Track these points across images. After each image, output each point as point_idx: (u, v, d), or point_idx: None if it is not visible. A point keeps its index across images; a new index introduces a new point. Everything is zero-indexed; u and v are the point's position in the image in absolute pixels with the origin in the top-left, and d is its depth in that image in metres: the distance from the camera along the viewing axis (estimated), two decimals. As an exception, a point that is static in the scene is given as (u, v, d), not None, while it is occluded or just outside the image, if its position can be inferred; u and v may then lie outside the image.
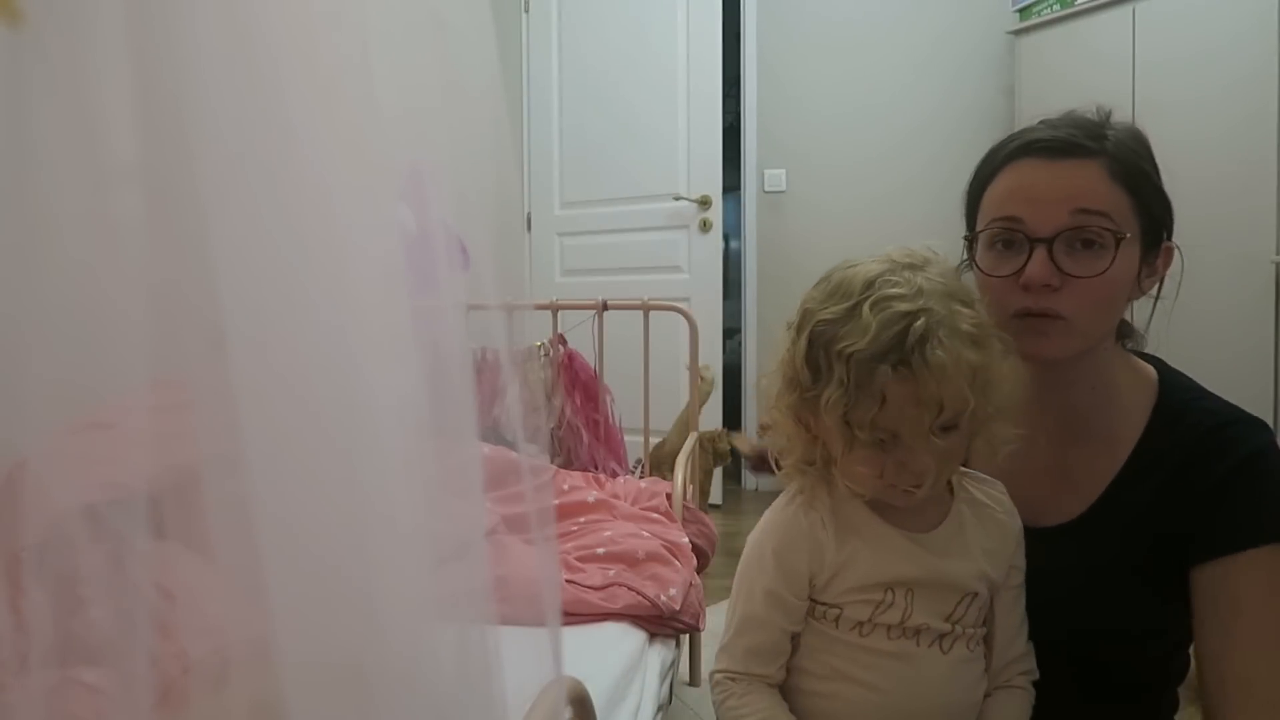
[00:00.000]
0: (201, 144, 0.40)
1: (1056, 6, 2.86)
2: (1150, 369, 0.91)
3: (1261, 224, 2.33)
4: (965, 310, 0.75)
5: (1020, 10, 3.01)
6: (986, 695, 0.85)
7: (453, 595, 0.50)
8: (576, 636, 1.03)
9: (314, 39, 0.43)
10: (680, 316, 2.04)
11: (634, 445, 2.17)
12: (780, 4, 3.47)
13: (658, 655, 1.24)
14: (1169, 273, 0.88)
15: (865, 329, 0.72)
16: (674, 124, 3.26)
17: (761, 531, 0.87)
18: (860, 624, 0.81)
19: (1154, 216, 0.84)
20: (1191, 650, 0.85)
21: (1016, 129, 0.89)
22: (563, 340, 2.14)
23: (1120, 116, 0.87)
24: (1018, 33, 3.00)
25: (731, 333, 3.89)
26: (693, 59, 3.22)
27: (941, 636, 0.81)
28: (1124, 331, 0.92)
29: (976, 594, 0.82)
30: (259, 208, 0.41)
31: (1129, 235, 0.81)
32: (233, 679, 0.48)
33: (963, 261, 0.91)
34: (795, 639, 0.85)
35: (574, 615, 0.95)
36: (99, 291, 0.42)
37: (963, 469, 0.86)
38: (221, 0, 0.40)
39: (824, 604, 0.83)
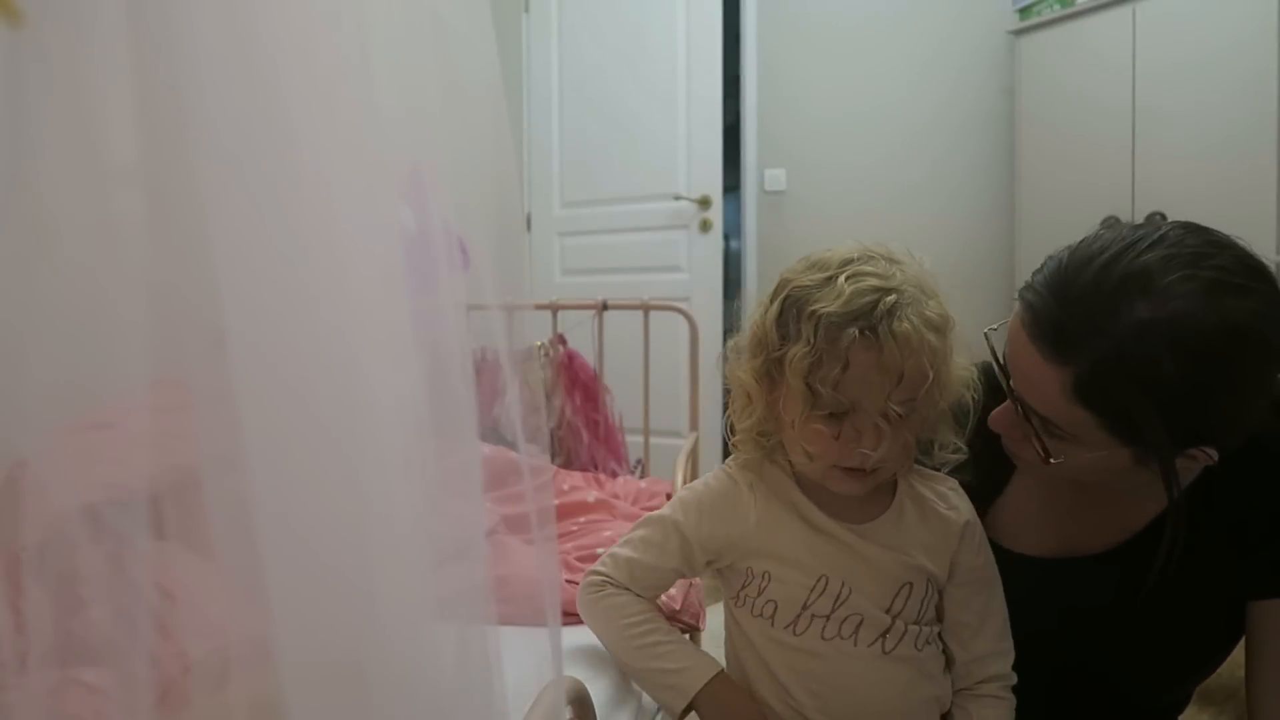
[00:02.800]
0: (201, 144, 0.40)
1: (1056, 6, 2.86)
2: None
3: (1262, 225, 2.33)
4: (931, 302, 0.77)
5: (1020, 10, 3.01)
6: (957, 695, 0.84)
7: (453, 595, 0.50)
8: (577, 636, 1.03)
9: (314, 39, 0.43)
10: (680, 316, 2.04)
11: (634, 445, 2.17)
12: (780, 4, 3.47)
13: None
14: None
15: (838, 294, 0.74)
16: (674, 124, 3.26)
17: (690, 491, 0.88)
18: (795, 619, 0.80)
19: (1149, 436, 0.68)
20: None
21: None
22: (563, 340, 2.14)
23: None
24: (1018, 33, 3.00)
25: (731, 333, 3.88)
26: (692, 59, 3.22)
27: (885, 634, 0.80)
28: None
29: (913, 584, 0.81)
30: (259, 208, 0.41)
31: (1064, 446, 0.73)
32: (233, 679, 0.48)
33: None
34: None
35: (574, 615, 0.95)
36: (99, 291, 0.42)
37: (916, 465, 0.85)
38: (221, 0, 0.40)
39: (751, 588, 0.82)
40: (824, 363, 0.73)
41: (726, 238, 3.42)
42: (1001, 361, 0.78)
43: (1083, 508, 0.87)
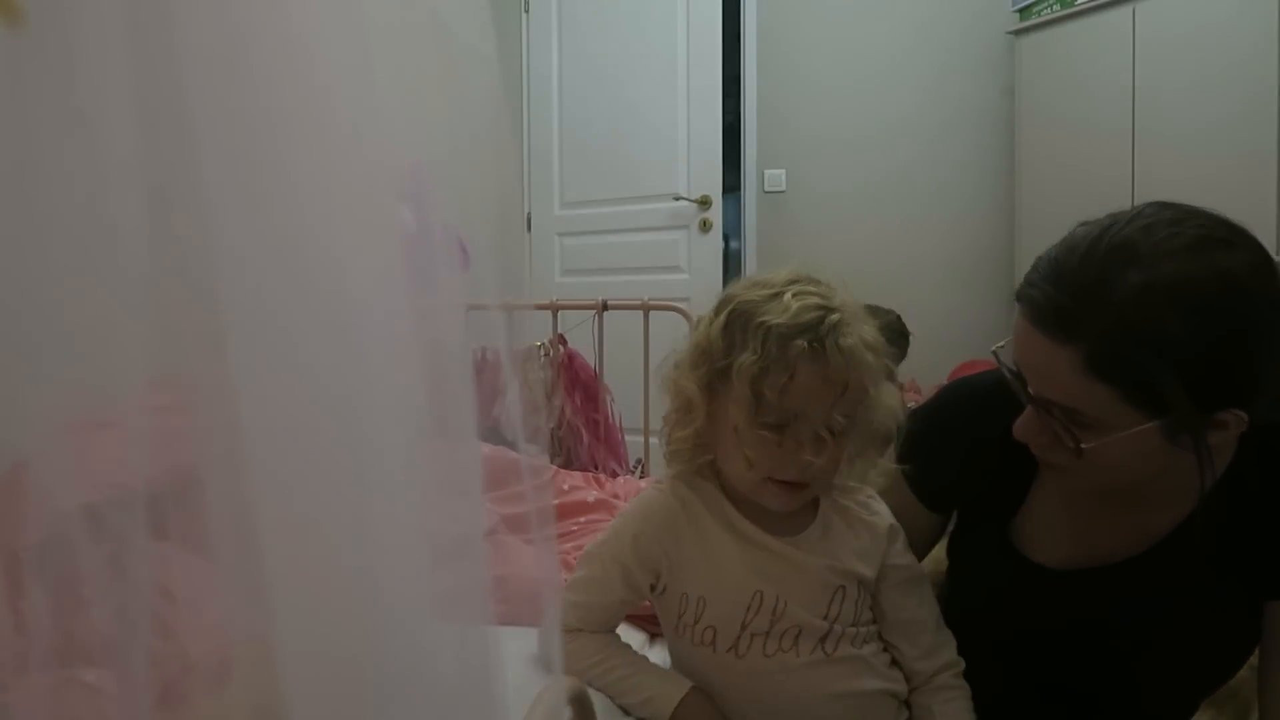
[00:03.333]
0: (201, 144, 0.40)
1: (1056, 6, 2.86)
2: None
3: (1262, 224, 2.33)
4: (867, 326, 0.81)
5: (1020, 10, 3.01)
6: (913, 694, 0.86)
7: (452, 595, 0.50)
8: (576, 636, 1.03)
9: (313, 40, 0.43)
10: (680, 316, 2.04)
11: (634, 445, 2.17)
12: (780, 4, 3.47)
13: (657, 655, 1.24)
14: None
15: (786, 308, 0.77)
16: (674, 124, 3.26)
17: (625, 514, 0.90)
18: (736, 640, 0.82)
19: (1171, 401, 0.67)
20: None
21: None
22: (563, 340, 2.14)
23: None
24: (1018, 32, 3.00)
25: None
26: (693, 58, 3.22)
27: (823, 639, 0.81)
28: None
29: (845, 589, 0.83)
30: (259, 208, 0.41)
31: (1091, 435, 0.71)
32: (233, 679, 0.48)
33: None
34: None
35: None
36: (99, 291, 0.42)
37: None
38: (221, 1, 0.40)
39: (689, 615, 0.84)
40: (771, 371, 0.76)
41: (726, 238, 3.42)
42: (1015, 369, 0.78)
43: (1103, 518, 0.86)
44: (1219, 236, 0.67)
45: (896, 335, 2.71)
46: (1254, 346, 0.67)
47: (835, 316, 0.77)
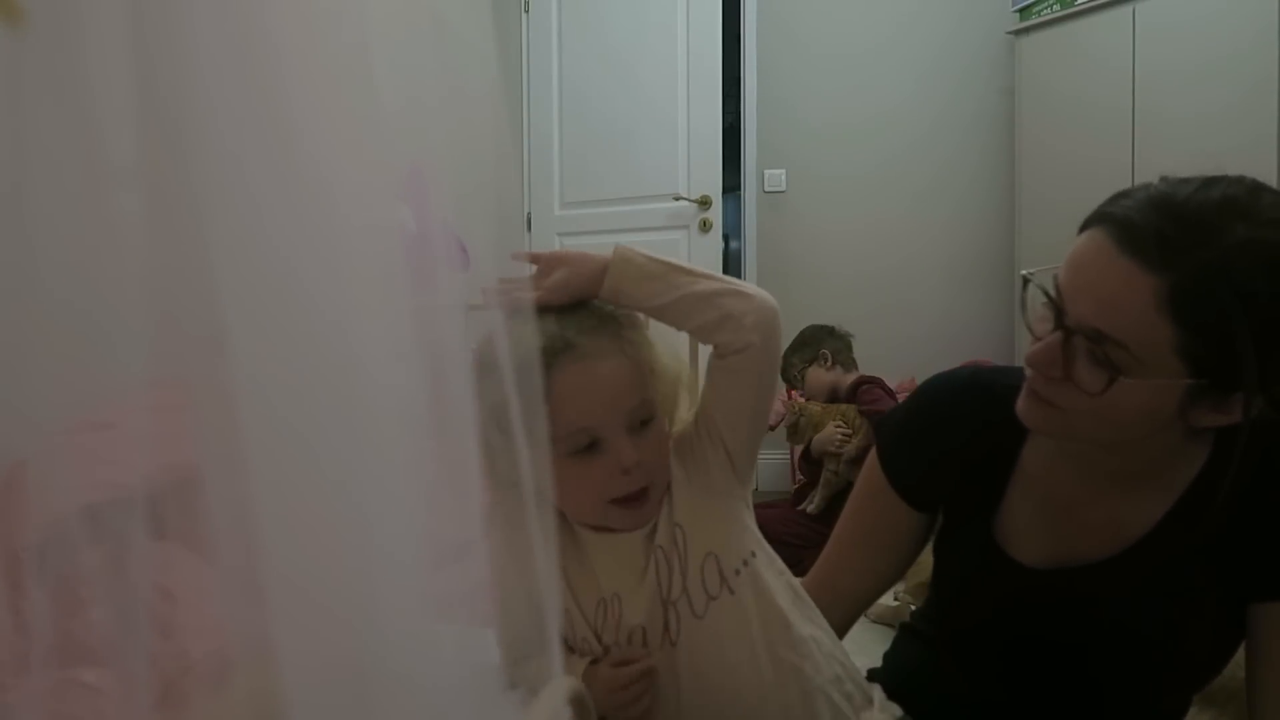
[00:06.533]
0: (201, 144, 0.40)
1: (1056, 7, 2.86)
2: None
3: (1261, 224, 2.33)
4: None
5: (1020, 10, 3.02)
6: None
7: (452, 595, 0.50)
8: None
9: (314, 39, 0.43)
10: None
11: (634, 445, 2.16)
12: (780, 4, 3.47)
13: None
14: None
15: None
16: (674, 124, 3.26)
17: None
18: (602, 660, 0.76)
19: (1223, 363, 0.67)
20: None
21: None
22: (563, 340, 2.13)
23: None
24: (1017, 33, 3.01)
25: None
26: (692, 59, 3.22)
27: (665, 625, 0.76)
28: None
29: (661, 549, 0.77)
30: (259, 207, 0.41)
31: (1123, 379, 0.69)
32: (233, 679, 0.48)
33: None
34: None
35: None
36: (99, 291, 0.42)
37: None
38: (222, 1, 0.40)
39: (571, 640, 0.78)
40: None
41: (726, 238, 3.42)
42: (1054, 293, 0.75)
43: (1078, 516, 0.86)
44: None
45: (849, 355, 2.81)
46: None
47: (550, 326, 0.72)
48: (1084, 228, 0.74)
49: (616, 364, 0.73)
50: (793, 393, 2.86)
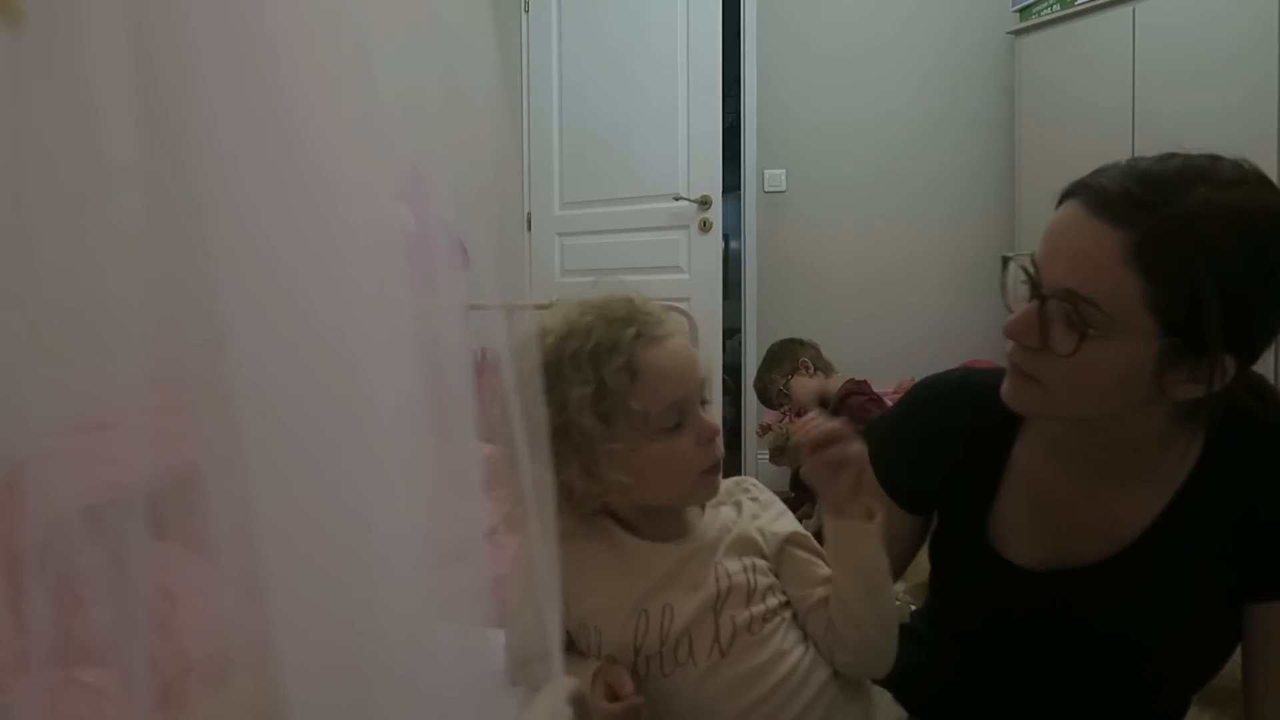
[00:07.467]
0: (201, 144, 0.40)
1: (1056, 7, 2.86)
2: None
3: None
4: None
5: (1020, 10, 3.02)
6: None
7: (453, 595, 0.50)
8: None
9: (314, 39, 0.43)
10: (680, 316, 2.04)
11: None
12: (780, 4, 3.47)
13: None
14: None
15: (587, 330, 0.74)
16: (674, 124, 3.26)
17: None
18: (632, 668, 0.76)
19: (1190, 319, 0.69)
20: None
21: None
22: (563, 340, 2.13)
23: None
24: (1017, 33, 3.01)
25: (731, 333, 3.89)
26: (692, 59, 3.22)
27: (716, 638, 0.75)
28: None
29: (728, 567, 0.77)
30: (258, 207, 0.41)
31: (1095, 333, 0.71)
32: (233, 679, 0.48)
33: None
34: None
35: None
36: (99, 291, 0.42)
37: None
38: (222, 1, 0.40)
39: (592, 649, 0.78)
40: (619, 386, 0.72)
41: (726, 238, 3.42)
42: (1031, 268, 0.77)
43: (1072, 516, 0.86)
44: (1276, 187, 0.74)
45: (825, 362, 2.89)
46: (1275, 290, 0.70)
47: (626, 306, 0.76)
48: (1060, 201, 0.77)
49: (684, 340, 0.77)
50: (783, 409, 2.86)
